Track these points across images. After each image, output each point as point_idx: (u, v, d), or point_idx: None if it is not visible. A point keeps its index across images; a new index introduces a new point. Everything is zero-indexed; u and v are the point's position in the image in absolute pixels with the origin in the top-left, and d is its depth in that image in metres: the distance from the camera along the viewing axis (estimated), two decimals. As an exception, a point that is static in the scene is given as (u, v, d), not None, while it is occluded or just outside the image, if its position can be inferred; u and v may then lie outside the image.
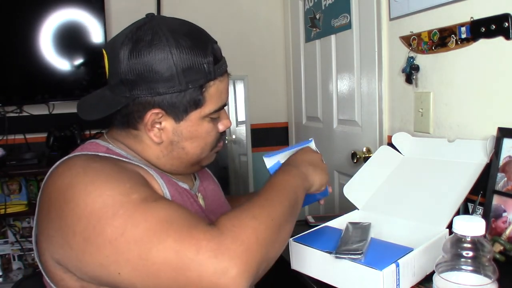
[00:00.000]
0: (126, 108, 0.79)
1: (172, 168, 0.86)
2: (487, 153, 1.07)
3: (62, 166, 0.75)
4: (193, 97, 0.78)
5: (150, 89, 0.76)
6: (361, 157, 1.66)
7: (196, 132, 0.82)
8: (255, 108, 2.45)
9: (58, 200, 0.70)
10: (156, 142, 0.81)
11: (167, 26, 0.77)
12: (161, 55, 0.75)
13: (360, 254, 0.81)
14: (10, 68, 2.05)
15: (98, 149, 0.81)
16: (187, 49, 0.76)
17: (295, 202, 0.78)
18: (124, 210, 0.65)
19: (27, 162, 1.95)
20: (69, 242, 0.68)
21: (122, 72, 0.76)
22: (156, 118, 0.79)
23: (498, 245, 0.94)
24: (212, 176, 1.07)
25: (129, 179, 0.71)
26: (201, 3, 2.33)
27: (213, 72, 0.79)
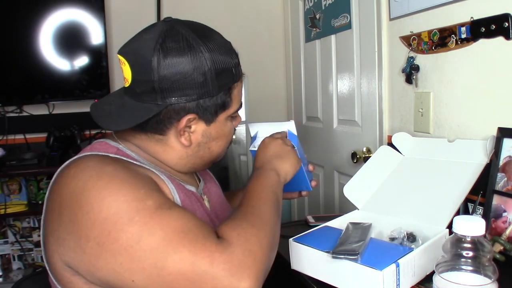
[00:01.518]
0: (157, 116, 0.78)
1: (192, 167, 0.88)
2: (487, 153, 1.07)
3: (74, 168, 0.73)
4: (223, 100, 0.82)
5: (184, 96, 0.77)
6: (361, 157, 1.66)
7: (222, 132, 0.86)
8: (255, 108, 2.44)
9: (71, 203, 0.69)
10: (186, 145, 0.83)
11: (194, 31, 0.78)
12: (196, 62, 0.76)
13: (356, 255, 0.81)
14: (10, 68, 2.05)
15: (108, 149, 0.80)
16: (218, 53, 0.78)
17: (277, 201, 0.82)
18: (140, 216, 0.66)
19: (27, 162, 1.95)
20: (82, 247, 0.67)
21: (156, 80, 0.75)
22: (188, 123, 0.80)
23: (498, 245, 0.94)
24: (213, 177, 1.08)
25: (143, 185, 0.71)
26: (201, 3, 2.33)
27: (238, 74, 0.84)
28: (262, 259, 0.68)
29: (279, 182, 0.87)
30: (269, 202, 0.79)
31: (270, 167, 0.88)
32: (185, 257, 0.64)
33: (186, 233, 0.66)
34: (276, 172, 0.87)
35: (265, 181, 0.84)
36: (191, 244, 0.65)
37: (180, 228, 0.66)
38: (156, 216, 0.66)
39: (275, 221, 0.77)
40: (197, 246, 0.65)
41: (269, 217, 0.76)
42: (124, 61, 0.78)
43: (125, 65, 0.78)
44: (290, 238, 0.94)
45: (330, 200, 2.02)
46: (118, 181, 0.69)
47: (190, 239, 0.65)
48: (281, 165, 0.89)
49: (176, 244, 0.65)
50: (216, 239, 0.67)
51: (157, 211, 0.67)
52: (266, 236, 0.71)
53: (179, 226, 0.66)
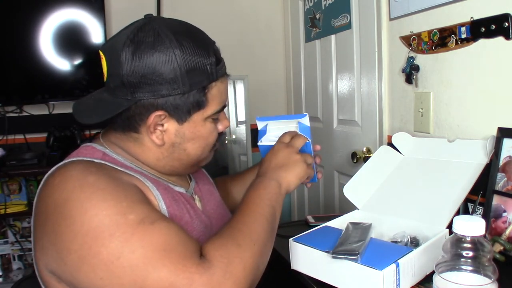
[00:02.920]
0: (127, 111, 0.77)
1: (171, 169, 0.85)
2: (487, 153, 1.07)
3: (58, 176, 0.73)
4: (196, 99, 0.78)
5: (153, 92, 0.75)
6: (361, 157, 1.66)
7: (199, 133, 0.82)
8: (255, 108, 2.44)
9: (55, 214, 0.69)
10: (158, 144, 0.80)
11: (168, 27, 0.76)
12: (165, 57, 0.74)
13: (356, 255, 0.81)
14: (10, 68, 2.05)
15: (94, 154, 0.79)
16: (190, 50, 0.76)
17: (272, 217, 0.80)
18: (121, 232, 0.65)
19: (27, 162, 1.95)
20: (64, 259, 0.68)
21: (124, 74, 0.74)
22: (158, 120, 0.78)
23: (498, 245, 0.94)
24: (206, 174, 1.07)
25: (126, 197, 0.70)
26: (201, 3, 2.33)
27: (215, 73, 0.79)
28: (245, 281, 0.68)
29: (280, 194, 0.84)
30: (262, 218, 0.77)
31: (273, 176, 0.85)
32: (165, 277, 0.64)
33: (168, 251, 0.66)
34: (277, 182, 0.85)
35: (264, 192, 0.82)
36: (171, 264, 0.65)
37: (162, 245, 0.66)
38: (138, 232, 0.66)
39: (266, 239, 0.76)
40: (177, 266, 0.65)
41: (260, 235, 0.75)
42: (102, 56, 0.78)
43: (103, 60, 0.79)
44: (290, 238, 0.94)
45: (330, 200, 2.02)
46: (101, 193, 0.69)
47: (171, 258, 0.65)
48: (285, 175, 0.86)
49: (156, 262, 0.64)
50: (197, 259, 0.67)
51: (139, 226, 0.66)
52: (252, 256, 0.70)
53: (161, 244, 0.66)
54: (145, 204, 0.72)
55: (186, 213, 0.84)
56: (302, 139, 0.92)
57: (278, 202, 0.83)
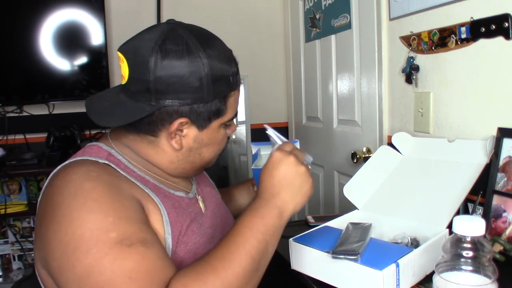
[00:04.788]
0: (150, 116, 0.78)
1: (182, 172, 0.87)
2: (487, 153, 1.07)
3: (61, 178, 0.74)
4: (218, 107, 0.80)
5: (178, 99, 0.76)
6: (361, 157, 1.66)
7: (214, 139, 0.84)
8: (255, 108, 2.44)
9: (48, 216, 0.71)
10: (176, 149, 0.81)
11: (195, 36, 0.78)
12: (193, 67, 0.75)
13: (356, 255, 0.81)
14: (10, 68, 2.05)
15: (99, 154, 0.80)
16: (217, 61, 0.78)
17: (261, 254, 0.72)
18: (97, 249, 0.66)
19: (27, 162, 1.95)
20: (49, 263, 0.71)
21: (151, 80, 0.75)
22: (180, 127, 0.79)
23: (498, 245, 0.94)
24: (207, 176, 1.07)
25: (114, 211, 0.70)
26: (201, 3, 2.33)
27: (235, 82, 0.82)
28: None
29: (279, 225, 0.75)
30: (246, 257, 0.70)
31: (274, 202, 0.75)
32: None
33: (132, 280, 0.66)
34: (279, 210, 0.75)
35: (259, 222, 0.73)
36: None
37: (129, 273, 0.66)
38: (112, 253, 0.66)
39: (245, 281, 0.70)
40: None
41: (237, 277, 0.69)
42: (123, 58, 0.78)
43: (123, 63, 0.78)
44: (290, 238, 0.94)
45: (330, 200, 2.02)
46: (91, 204, 0.69)
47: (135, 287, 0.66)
48: (290, 199, 0.76)
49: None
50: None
51: (115, 247, 0.67)
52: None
53: (129, 271, 0.66)
54: (131, 223, 0.70)
55: (187, 217, 0.83)
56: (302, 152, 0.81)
57: (274, 235, 0.74)
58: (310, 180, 0.77)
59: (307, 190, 0.77)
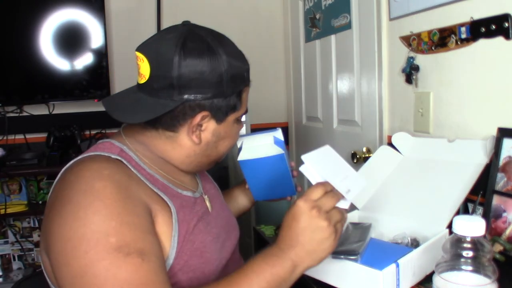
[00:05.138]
0: (172, 111, 0.81)
1: (197, 166, 0.90)
2: (487, 153, 1.07)
3: (74, 173, 0.76)
4: (234, 102, 0.85)
5: (201, 94, 0.80)
6: (361, 157, 1.66)
7: (230, 132, 0.89)
8: (255, 108, 2.44)
9: (56, 209, 0.73)
10: (196, 143, 0.85)
11: (212, 35, 0.83)
12: (214, 64, 0.80)
13: (356, 255, 0.81)
14: (10, 68, 2.05)
15: (112, 149, 0.82)
16: (233, 58, 0.83)
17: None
18: (95, 252, 0.67)
19: (27, 162, 1.95)
20: (49, 255, 0.73)
21: (175, 76, 0.78)
22: (201, 121, 0.83)
23: (498, 245, 0.95)
24: (212, 179, 1.08)
25: (118, 215, 0.70)
26: (201, 3, 2.33)
27: (248, 78, 0.89)
28: None
29: (289, 279, 0.72)
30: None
31: (290, 254, 0.72)
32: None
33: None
34: (293, 263, 0.72)
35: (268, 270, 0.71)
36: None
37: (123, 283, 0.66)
38: (108, 259, 0.67)
39: None
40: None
41: None
42: (143, 58, 0.81)
43: (143, 62, 0.81)
44: (290, 238, 0.94)
45: (330, 200, 2.02)
46: (98, 205, 0.70)
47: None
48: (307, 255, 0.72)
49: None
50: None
51: (113, 254, 0.67)
52: None
53: (123, 280, 0.66)
54: (133, 230, 0.71)
55: (194, 216, 0.85)
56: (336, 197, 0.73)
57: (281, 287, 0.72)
58: (332, 237, 0.71)
59: (327, 247, 0.72)
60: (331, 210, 0.72)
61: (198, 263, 0.82)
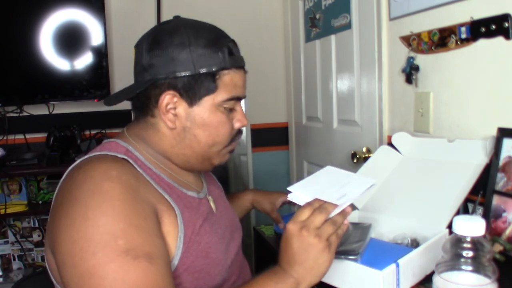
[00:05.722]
0: (145, 92, 0.83)
1: (185, 159, 0.87)
2: (487, 153, 1.07)
3: (82, 172, 0.75)
4: (206, 82, 0.82)
5: (167, 72, 0.81)
6: (361, 157, 1.66)
7: (208, 119, 0.84)
8: (255, 108, 2.44)
9: (64, 208, 0.73)
10: (170, 127, 0.84)
11: (187, 22, 0.85)
12: (179, 40, 0.81)
13: (356, 255, 0.81)
14: (10, 68, 2.05)
15: (117, 149, 0.82)
16: (204, 38, 0.82)
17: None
18: (103, 254, 0.67)
19: (27, 162, 1.95)
20: (55, 255, 0.72)
21: (144, 59, 0.82)
22: (171, 102, 0.82)
23: (498, 245, 0.94)
24: (216, 180, 1.09)
25: (126, 217, 0.70)
26: (201, 3, 2.33)
27: (228, 61, 0.83)
28: None
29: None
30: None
31: (291, 273, 0.74)
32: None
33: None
34: (296, 281, 0.74)
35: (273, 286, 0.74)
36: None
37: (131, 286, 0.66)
38: (116, 262, 0.67)
39: None
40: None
41: None
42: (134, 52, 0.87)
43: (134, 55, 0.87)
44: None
45: (330, 200, 2.02)
46: (106, 206, 0.70)
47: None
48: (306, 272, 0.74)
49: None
50: None
51: (121, 256, 0.67)
52: None
53: (131, 284, 0.66)
54: (140, 233, 0.71)
55: (199, 217, 0.85)
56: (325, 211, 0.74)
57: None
58: (326, 251, 0.73)
59: (324, 261, 0.73)
60: (322, 225, 0.73)
61: (204, 263, 0.82)
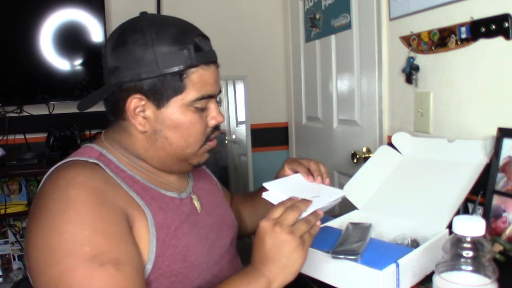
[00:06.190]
0: (113, 96, 0.81)
1: (160, 161, 0.85)
2: (487, 153, 1.07)
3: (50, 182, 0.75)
4: (172, 83, 0.79)
5: (132, 75, 0.78)
6: (361, 157, 1.66)
7: (178, 121, 0.81)
8: (255, 108, 2.44)
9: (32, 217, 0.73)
10: (141, 130, 0.82)
11: (151, 19, 0.81)
12: (142, 41, 0.77)
13: (356, 255, 0.81)
14: (11, 68, 2.05)
15: (90, 154, 0.82)
16: (167, 36, 0.78)
17: None
18: (68, 261, 0.67)
19: (27, 162, 1.95)
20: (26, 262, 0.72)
21: (109, 61, 0.80)
22: (139, 105, 0.80)
23: (498, 245, 0.94)
24: (211, 175, 1.06)
25: (91, 224, 0.70)
26: (201, 3, 2.33)
27: (194, 59, 0.79)
28: None
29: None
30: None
31: (263, 271, 0.73)
32: None
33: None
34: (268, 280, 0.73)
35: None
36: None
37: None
38: (81, 269, 0.67)
39: None
40: None
41: None
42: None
43: None
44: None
45: (330, 200, 2.02)
46: (71, 214, 0.70)
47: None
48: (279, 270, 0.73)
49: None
50: None
51: (86, 263, 0.67)
52: None
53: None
54: (107, 239, 0.70)
55: (175, 219, 0.83)
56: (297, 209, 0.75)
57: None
58: (299, 248, 0.72)
59: (298, 258, 0.73)
60: (296, 223, 0.73)
61: (181, 267, 0.80)
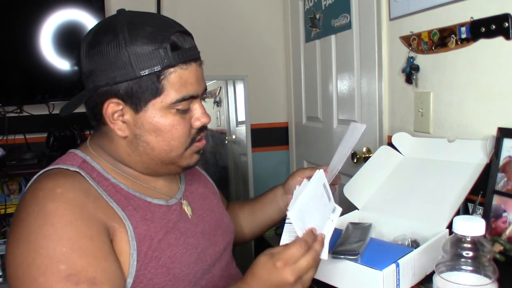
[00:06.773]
0: (91, 101, 0.78)
1: (144, 166, 0.82)
2: (487, 153, 1.07)
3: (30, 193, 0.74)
4: (149, 85, 0.75)
5: (107, 78, 0.75)
6: (361, 157, 1.66)
7: (159, 124, 0.77)
8: (255, 108, 2.44)
9: (12, 228, 0.72)
10: (121, 135, 0.79)
11: (126, 18, 0.77)
12: (115, 42, 0.74)
13: (356, 255, 0.81)
14: (10, 68, 2.05)
15: (73, 161, 0.80)
16: (142, 35, 0.74)
17: None
18: (44, 279, 0.65)
19: (27, 162, 1.94)
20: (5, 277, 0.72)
21: (84, 65, 0.77)
22: (117, 110, 0.77)
23: (498, 245, 0.94)
24: (206, 177, 1.04)
25: (69, 240, 0.68)
26: (201, 4, 2.33)
27: (171, 58, 0.75)
28: None
29: None
30: None
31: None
32: None
33: None
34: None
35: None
36: None
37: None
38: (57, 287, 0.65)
39: None
40: None
41: None
42: None
43: None
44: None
45: (330, 200, 2.02)
46: (48, 229, 0.68)
47: None
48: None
49: None
50: None
51: (61, 282, 0.65)
52: None
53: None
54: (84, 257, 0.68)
55: (160, 230, 0.80)
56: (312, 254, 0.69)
57: None
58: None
59: None
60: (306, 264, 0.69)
61: (164, 281, 0.77)
